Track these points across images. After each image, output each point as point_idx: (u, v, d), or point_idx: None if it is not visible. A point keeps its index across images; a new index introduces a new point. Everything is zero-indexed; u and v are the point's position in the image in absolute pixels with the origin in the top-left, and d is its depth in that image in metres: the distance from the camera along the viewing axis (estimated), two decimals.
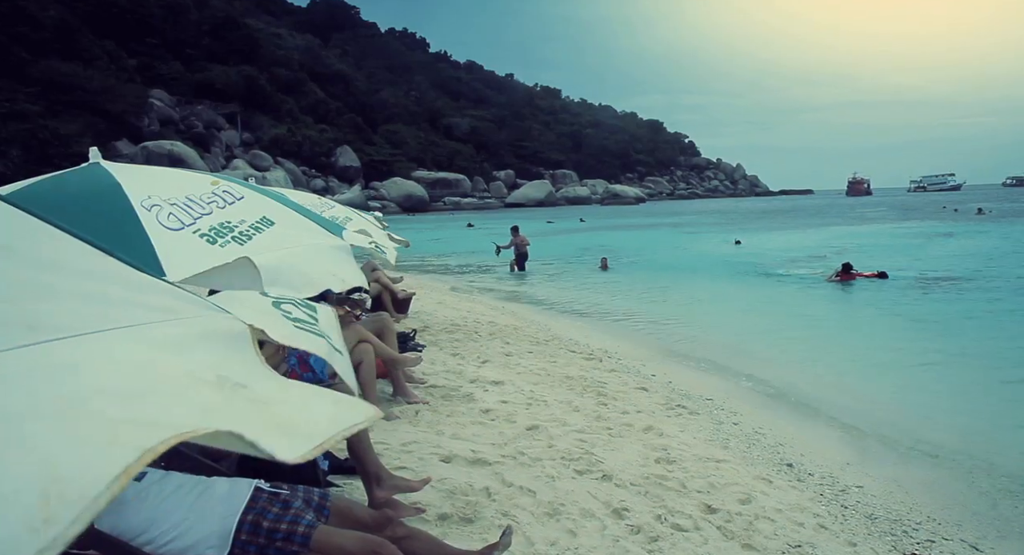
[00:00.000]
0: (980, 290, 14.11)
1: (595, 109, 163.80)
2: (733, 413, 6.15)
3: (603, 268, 19.66)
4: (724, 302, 13.98)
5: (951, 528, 4.01)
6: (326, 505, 2.37)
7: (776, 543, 3.48)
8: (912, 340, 9.92)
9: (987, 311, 11.93)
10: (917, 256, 21.23)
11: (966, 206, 59.43)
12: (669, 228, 43.28)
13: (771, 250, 25.07)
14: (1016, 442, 5.69)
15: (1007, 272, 16.99)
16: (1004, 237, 28.19)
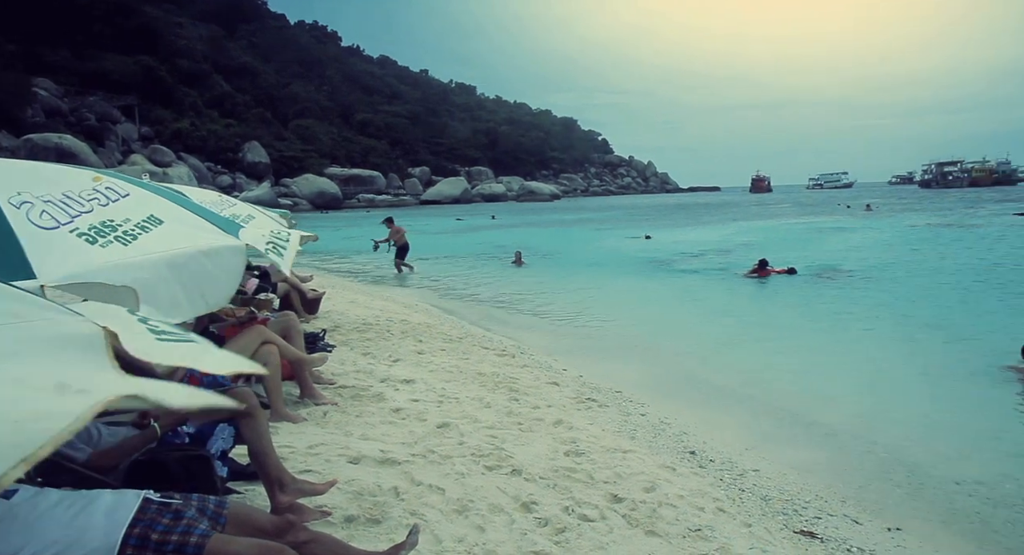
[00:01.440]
0: (871, 281, 15.10)
1: (510, 106, 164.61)
2: (641, 404, 6.34)
3: (517, 264, 19.76)
4: (636, 297, 14.38)
5: (836, 504, 4.28)
6: (223, 513, 2.29)
7: (677, 528, 3.62)
8: (813, 331, 10.52)
9: (879, 301, 12.76)
10: (817, 250, 22.48)
11: (857, 202, 63.35)
12: (583, 224, 44.08)
13: (680, 245, 25.94)
14: (896, 421, 6.12)
15: (894, 263, 18.25)
16: (888, 231, 30.25)
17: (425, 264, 21.25)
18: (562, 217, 55.91)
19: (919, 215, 42.04)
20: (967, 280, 15.07)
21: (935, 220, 36.48)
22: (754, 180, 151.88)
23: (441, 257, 23.27)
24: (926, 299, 12.88)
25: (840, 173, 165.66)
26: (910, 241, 25.35)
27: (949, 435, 5.74)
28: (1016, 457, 5.20)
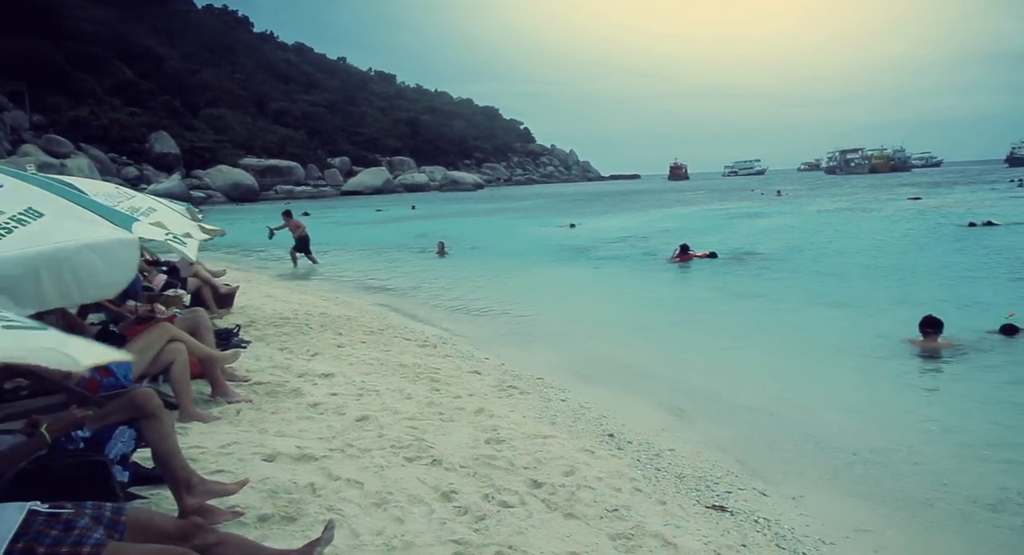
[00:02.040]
0: (782, 263, 15.79)
1: (431, 95, 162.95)
2: (562, 390, 6.43)
3: (441, 254, 19.64)
4: (559, 284, 14.56)
5: (746, 478, 4.47)
6: (121, 520, 2.19)
7: (595, 509, 3.69)
8: (730, 313, 10.93)
9: (789, 282, 13.36)
10: (732, 235, 23.31)
11: (769, 189, 66.05)
12: (507, 213, 44.22)
13: (603, 232, 26.40)
14: (802, 396, 6.44)
15: (802, 246, 19.14)
16: (797, 216, 31.68)
17: (346, 256, 20.89)
18: (485, 206, 55.95)
19: (825, 200, 44.18)
20: (869, 260, 15.97)
21: (839, 205, 38.42)
22: (672, 168, 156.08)
23: (362, 248, 22.90)
24: (832, 279, 13.57)
25: (753, 161, 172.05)
26: (817, 225, 26.63)
27: (850, 408, 6.07)
28: (907, 425, 5.54)
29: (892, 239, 20.13)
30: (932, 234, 20.64)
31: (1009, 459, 4.83)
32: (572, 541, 3.32)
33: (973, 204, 32.66)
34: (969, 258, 15.31)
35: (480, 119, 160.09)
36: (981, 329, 8.46)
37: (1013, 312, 8.83)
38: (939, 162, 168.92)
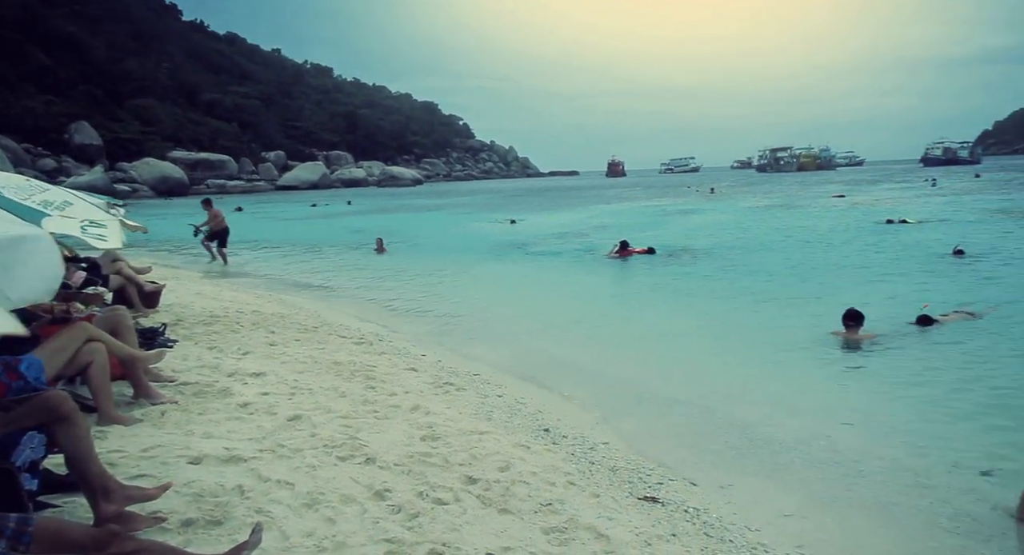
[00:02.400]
0: (716, 258, 16.20)
1: (369, 89, 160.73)
2: (498, 386, 6.44)
3: (379, 251, 19.40)
4: (499, 281, 14.58)
5: (677, 468, 4.58)
6: (27, 531, 2.08)
7: (529, 504, 3.71)
8: (665, 307, 11.21)
9: (722, 277, 13.73)
10: (669, 231, 23.80)
11: (704, 186, 67.74)
12: (447, 209, 44.03)
13: (543, 228, 26.58)
14: (732, 388, 6.62)
15: (734, 242, 19.70)
16: (730, 212, 32.59)
17: (281, 252, 20.44)
18: (425, 202, 55.56)
19: (755, 197, 45.59)
20: (796, 256, 16.56)
21: (769, 202, 39.71)
22: (610, 165, 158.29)
23: (298, 244, 22.44)
24: (762, 274, 14.00)
25: (688, 158, 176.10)
26: (748, 221, 27.46)
27: (776, 398, 6.28)
28: (828, 415, 5.76)
29: (818, 235, 20.91)
30: (854, 230, 21.53)
31: (919, 444, 5.08)
32: (506, 536, 3.33)
33: (891, 202, 34.25)
34: (887, 253, 16.04)
35: (419, 114, 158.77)
36: (899, 320, 8.89)
37: (926, 304, 9.32)
38: (862, 161, 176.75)
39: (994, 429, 5.32)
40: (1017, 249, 15.80)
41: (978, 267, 13.49)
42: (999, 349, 7.68)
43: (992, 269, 13.20)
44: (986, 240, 17.51)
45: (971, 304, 9.73)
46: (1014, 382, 6.52)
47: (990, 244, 16.70)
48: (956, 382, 6.60)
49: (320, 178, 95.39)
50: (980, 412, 5.75)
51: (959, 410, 5.83)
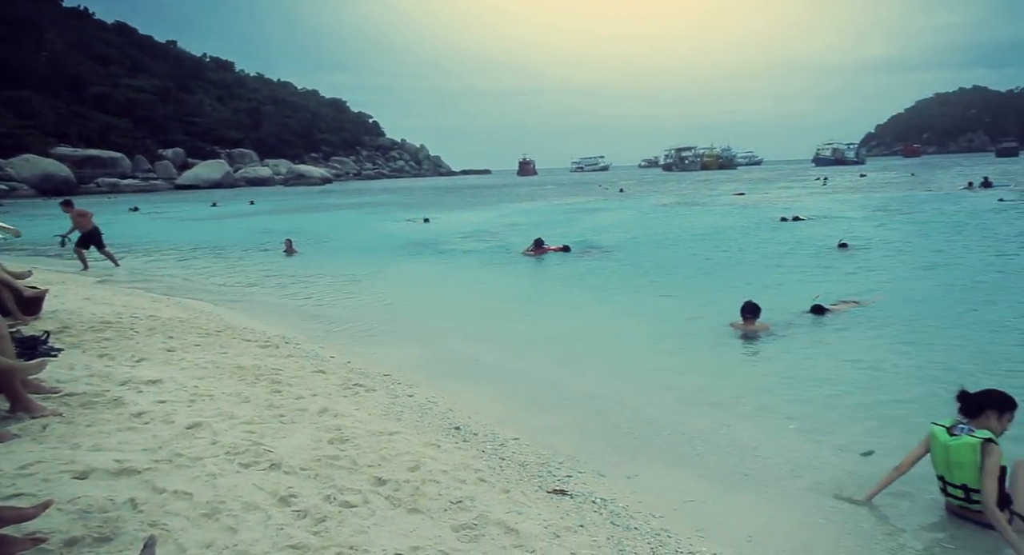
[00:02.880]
0: (626, 255, 16.63)
1: (274, 85, 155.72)
2: (409, 386, 6.39)
3: (288, 252, 18.85)
4: (413, 280, 14.46)
5: (585, 461, 4.68)
6: None
7: (439, 503, 3.70)
8: (578, 303, 11.39)
9: (632, 273, 14.10)
10: (580, 228, 24.21)
11: (613, 185, 69.39)
12: (358, 208, 43.26)
13: (458, 227, 26.52)
14: (639, 380, 6.82)
15: (643, 239, 20.27)
16: (638, 210, 33.53)
17: (181, 254, 19.54)
18: (335, 201, 54.40)
19: (662, 195, 47.06)
20: (699, 251, 17.22)
21: (674, 200, 41.09)
22: (521, 163, 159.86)
23: (200, 246, 21.51)
24: (668, 269, 14.50)
25: (598, 157, 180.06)
26: (655, 219, 28.33)
27: (679, 389, 6.51)
28: (727, 404, 6.03)
29: (719, 231, 21.81)
30: (752, 227, 22.58)
31: (808, 428, 5.39)
32: (416, 536, 3.31)
33: (787, 200, 36.14)
34: (782, 248, 16.91)
35: (327, 111, 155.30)
36: (794, 311, 9.39)
37: (818, 294, 9.89)
38: (760, 161, 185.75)
39: (875, 413, 5.69)
40: (895, 242, 17.01)
41: (862, 259, 14.42)
42: (884, 336, 8.23)
43: (874, 260, 14.15)
44: (869, 234, 18.76)
45: (857, 294, 10.41)
46: (895, 367, 7.00)
47: (872, 238, 17.90)
48: (844, 368, 7.03)
49: (223, 176, 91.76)
50: (864, 397, 6.14)
51: (846, 395, 6.21)
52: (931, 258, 14.43)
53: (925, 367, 6.89)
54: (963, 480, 3.75)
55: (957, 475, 3.78)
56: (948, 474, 3.85)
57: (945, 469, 3.85)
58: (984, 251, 14.92)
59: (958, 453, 3.74)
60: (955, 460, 3.76)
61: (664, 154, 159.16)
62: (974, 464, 3.67)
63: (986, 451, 3.63)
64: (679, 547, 3.48)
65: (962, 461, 3.72)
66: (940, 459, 3.87)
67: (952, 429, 3.84)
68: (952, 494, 3.87)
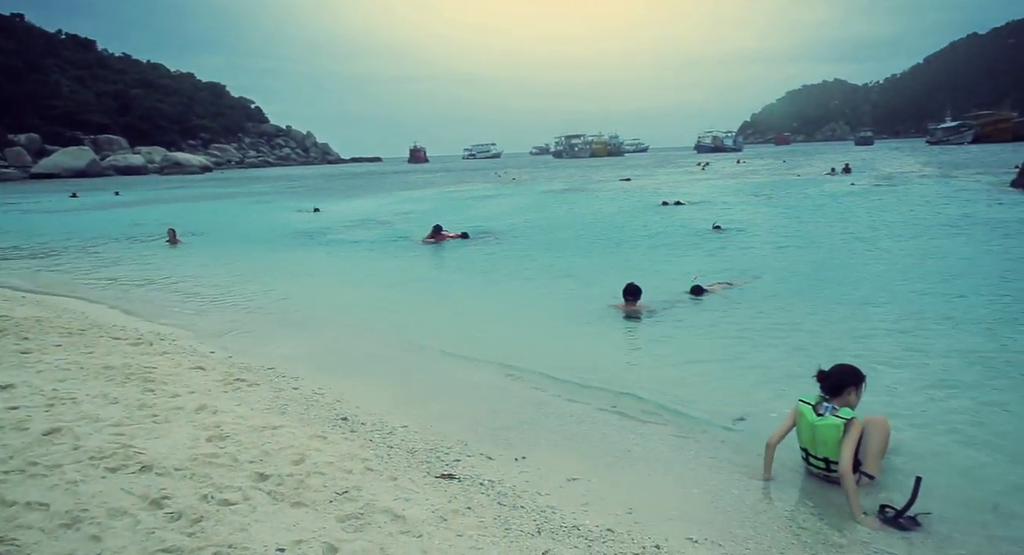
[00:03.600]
0: (519, 240, 16.80)
1: (143, 67, 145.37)
2: (295, 378, 6.21)
3: (172, 243, 17.89)
4: (305, 271, 13.97)
5: (474, 445, 4.71)
6: None
7: (324, 494, 3.63)
8: (473, 289, 11.47)
9: (524, 257, 14.27)
10: (475, 215, 24.22)
11: (506, 172, 69.88)
12: (244, 198, 41.36)
13: (350, 215, 25.90)
14: (528, 362, 6.90)
15: (535, 224, 20.53)
16: (530, 196, 33.92)
17: (39, 248, 18.03)
18: (217, 190, 51.79)
19: (553, 182, 47.83)
20: (589, 235, 17.67)
21: (565, 186, 41.86)
22: (412, 151, 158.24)
23: (61, 240, 19.89)
24: (559, 253, 14.79)
25: (490, 144, 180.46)
26: (547, 204, 28.80)
27: (566, 371, 6.65)
28: (610, 383, 6.21)
29: (606, 216, 22.46)
30: (637, 211, 23.37)
31: (687, 401, 5.66)
32: (299, 529, 3.23)
33: (672, 185, 37.67)
34: (663, 231, 17.62)
35: (204, 95, 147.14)
36: (674, 291, 9.82)
37: (696, 275, 10.39)
38: (646, 148, 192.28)
39: (748, 384, 6.04)
40: (766, 224, 18.12)
41: (736, 241, 15.27)
42: (756, 313, 8.75)
43: (747, 242, 15.02)
44: (743, 217, 19.88)
45: (733, 274, 11.02)
46: (767, 342, 7.46)
47: (746, 220, 18.99)
48: (720, 344, 7.42)
49: (88, 165, 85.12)
50: (738, 369, 6.52)
51: (722, 369, 6.56)
52: (797, 239, 15.47)
53: (793, 341, 7.38)
54: (825, 454, 4.02)
55: (821, 450, 4.05)
56: (812, 448, 4.11)
57: (810, 444, 4.11)
58: (843, 232, 16.16)
59: (823, 432, 3.99)
60: (820, 438, 4.02)
61: (554, 141, 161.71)
62: (837, 442, 3.93)
63: (848, 427, 3.90)
64: (563, 522, 3.58)
65: (827, 439, 3.98)
66: (806, 436, 4.12)
67: (817, 408, 4.07)
68: (814, 465, 4.14)
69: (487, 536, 3.33)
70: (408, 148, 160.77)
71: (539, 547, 3.27)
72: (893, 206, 21.47)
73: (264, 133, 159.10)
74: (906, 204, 21.90)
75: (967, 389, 5.73)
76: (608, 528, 3.55)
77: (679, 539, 3.50)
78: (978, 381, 5.92)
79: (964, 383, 5.88)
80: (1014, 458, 4.47)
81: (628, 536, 3.48)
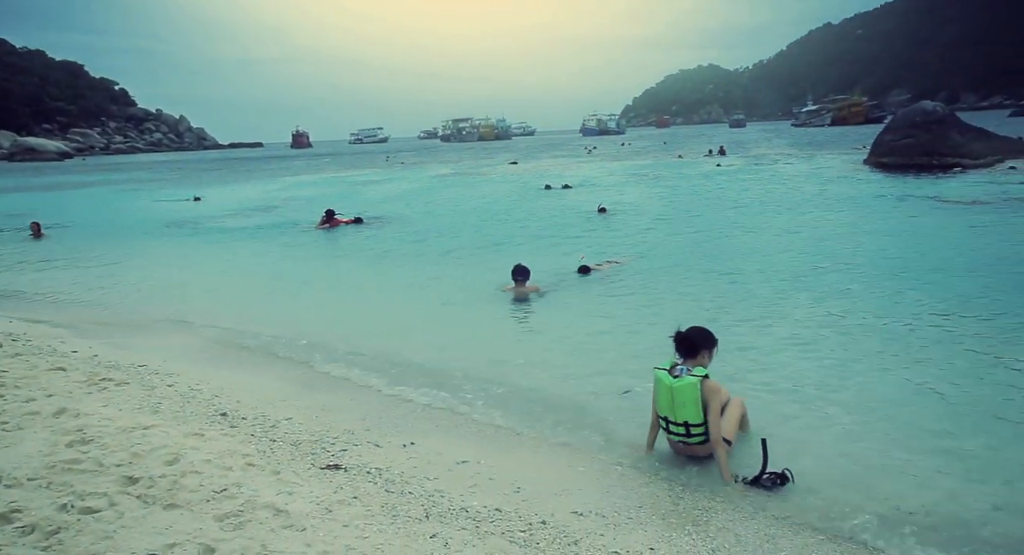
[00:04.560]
0: (414, 223, 16.57)
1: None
2: (169, 374, 5.88)
3: (36, 236, 16.62)
4: (189, 262, 13.18)
5: (362, 434, 4.62)
6: None
7: (201, 494, 3.46)
8: (363, 275, 11.28)
9: (419, 240, 14.11)
10: (366, 200, 23.70)
11: (395, 156, 68.74)
12: (114, 186, 38.56)
13: (235, 203, 24.75)
14: (418, 345, 6.87)
15: (428, 209, 20.34)
16: (420, 181, 33.56)
17: None
18: (82, 178, 48.06)
19: (442, 166, 47.51)
20: (479, 218, 17.72)
21: (454, 170, 41.69)
22: (294, 135, 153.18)
23: None
24: (449, 237, 14.78)
25: (376, 129, 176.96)
26: (437, 188, 28.62)
27: (456, 354, 6.66)
28: (501, 365, 6.27)
29: (495, 200, 22.55)
30: (525, 194, 23.62)
31: (574, 377, 5.82)
32: (172, 532, 3.07)
33: (560, 168, 38.29)
34: (550, 213, 17.89)
35: (59, 76, 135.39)
36: (563, 272, 10.02)
37: (583, 255, 10.66)
38: (533, 131, 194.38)
39: (633, 356, 6.24)
40: (650, 206, 18.79)
41: (621, 221, 15.74)
42: (639, 288, 9.08)
43: (631, 222, 15.53)
44: (627, 198, 20.53)
45: (618, 253, 11.38)
46: (651, 315, 7.77)
47: (630, 201, 19.62)
48: (605, 320, 7.67)
49: None
50: (622, 343, 6.75)
51: (607, 343, 6.77)
52: (679, 218, 16.16)
53: (672, 313, 7.68)
54: (685, 417, 4.10)
55: (680, 413, 4.11)
56: (672, 414, 4.15)
57: (670, 410, 4.16)
58: (720, 210, 17.02)
59: (681, 393, 4.07)
60: (679, 400, 4.09)
61: (442, 125, 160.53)
62: (695, 401, 4.04)
63: (707, 388, 4.03)
64: (451, 504, 3.59)
65: (685, 400, 4.07)
66: (665, 401, 4.16)
67: (672, 371, 4.17)
68: (674, 432, 4.20)
69: (374, 524, 3.28)
70: (291, 133, 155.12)
71: (427, 531, 3.26)
72: (765, 184, 22.86)
73: (132, 117, 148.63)
74: (776, 182, 23.36)
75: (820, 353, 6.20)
76: (496, 508, 3.59)
77: (565, 513, 3.58)
78: (831, 346, 6.41)
79: (818, 347, 6.36)
80: (851, 411, 4.88)
81: (515, 514, 3.53)
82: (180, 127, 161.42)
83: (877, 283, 8.72)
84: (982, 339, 6.37)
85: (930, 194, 17.35)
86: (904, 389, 5.31)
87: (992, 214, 13.91)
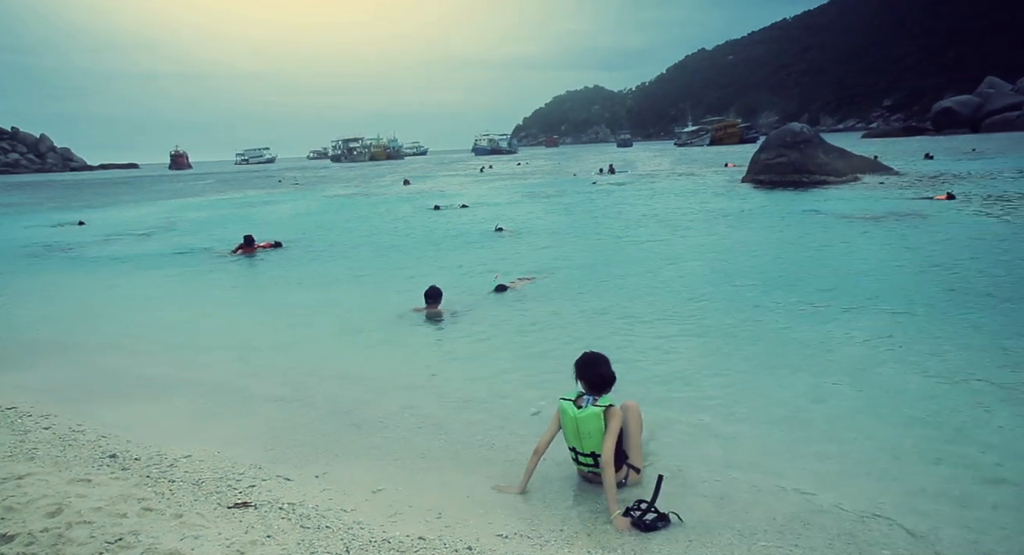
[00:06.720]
0: (314, 244, 15.98)
1: None
2: (45, 417, 5.37)
3: None
4: (65, 293, 12.06)
5: (269, 467, 4.37)
6: None
7: (93, 546, 3.15)
8: (271, 297, 10.95)
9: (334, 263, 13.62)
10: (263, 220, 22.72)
11: (288, 177, 66.62)
12: None
13: (124, 227, 23.24)
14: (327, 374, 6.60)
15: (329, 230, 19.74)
16: (315, 201, 32.65)
17: None
18: None
19: (336, 186, 46.44)
20: (378, 239, 17.43)
21: (349, 191, 40.84)
22: (173, 156, 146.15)
23: None
24: (351, 258, 14.48)
25: (263, 149, 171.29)
26: (334, 209, 27.97)
27: (366, 379, 6.46)
28: (413, 388, 6.14)
29: (391, 220, 22.26)
30: (419, 215, 23.41)
31: (485, 399, 5.76)
32: None
33: (453, 187, 38.33)
34: (452, 234, 17.79)
35: None
36: (475, 291, 9.98)
37: (497, 274, 10.71)
38: (426, 151, 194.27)
39: (543, 376, 6.24)
40: (548, 223, 19.09)
41: (522, 240, 15.89)
42: (551, 305, 9.14)
43: (533, 241, 15.70)
44: (526, 217, 20.79)
45: (527, 271, 11.44)
46: (561, 332, 7.83)
47: (529, 220, 19.88)
48: (518, 339, 7.66)
49: None
50: (534, 363, 6.74)
51: (519, 364, 6.73)
52: (581, 234, 16.53)
53: (582, 329, 7.83)
54: (592, 448, 4.03)
55: (587, 444, 4.04)
56: (579, 445, 4.09)
57: (576, 441, 4.09)
58: (617, 226, 17.54)
59: (586, 424, 3.99)
60: (584, 431, 4.01)
61: (332, 145, 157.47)
62: (600, 432, 3.96)
63: (608, 415, 3.95)
64: (372, 536, 3.44)
65: (590, 431, 3.99)
66: (571, 432, 4.09)
67: (578, 401, 4.07)
68: (583, 463, 4.14)
69: None
70: (168, 153, 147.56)
71: None
72: (657, 200, 23.82)
73: None
74: (666, 198, 24.39)
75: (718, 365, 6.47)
76: (419, 536, 3.47)
77: (490, 537, 3.51)
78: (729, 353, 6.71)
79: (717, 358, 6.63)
80: (756, 425, 5.05)
81: (440, 541, 3.42)
82: (41, 147, 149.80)
83: (775, 292, 9.24)
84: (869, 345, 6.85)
85: (806, 208, 18.65)
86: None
87: (868, 224, 15.15)
